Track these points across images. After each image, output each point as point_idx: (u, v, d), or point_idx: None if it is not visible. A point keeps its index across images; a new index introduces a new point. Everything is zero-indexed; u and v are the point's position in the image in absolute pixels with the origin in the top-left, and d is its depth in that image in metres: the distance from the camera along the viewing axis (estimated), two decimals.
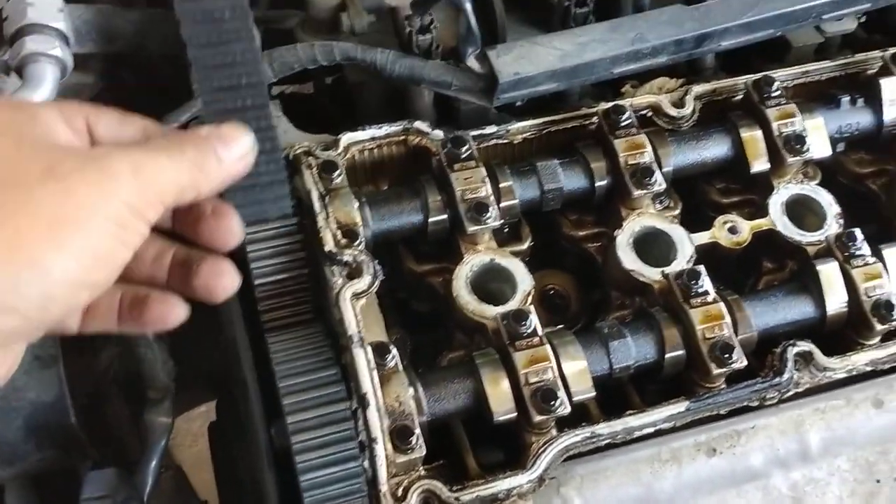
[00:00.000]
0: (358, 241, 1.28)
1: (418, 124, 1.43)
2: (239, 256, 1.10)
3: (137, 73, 1.76)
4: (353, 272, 1.23)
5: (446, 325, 1.43)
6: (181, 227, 1.06)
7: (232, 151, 1.00)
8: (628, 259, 1.40)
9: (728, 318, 1.30)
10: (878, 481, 1.43)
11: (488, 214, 1.35)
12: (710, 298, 1.31)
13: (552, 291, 1.53)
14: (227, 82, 1.13)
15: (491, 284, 1.40)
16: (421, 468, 1.22)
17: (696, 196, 1.56)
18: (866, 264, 1.36)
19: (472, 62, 1.42)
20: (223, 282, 1.04)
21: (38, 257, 0.83)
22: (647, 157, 1.41)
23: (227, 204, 1.06)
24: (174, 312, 1.03)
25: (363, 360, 1.17)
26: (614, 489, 1.34)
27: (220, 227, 1.04)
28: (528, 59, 1.40)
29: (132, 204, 0.89)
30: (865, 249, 1.37)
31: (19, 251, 0.82)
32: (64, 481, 1.46)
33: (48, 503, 1.56)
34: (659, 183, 1.41)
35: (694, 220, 1.48)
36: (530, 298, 1.35)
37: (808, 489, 1.41)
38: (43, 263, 0.83)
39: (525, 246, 1.45)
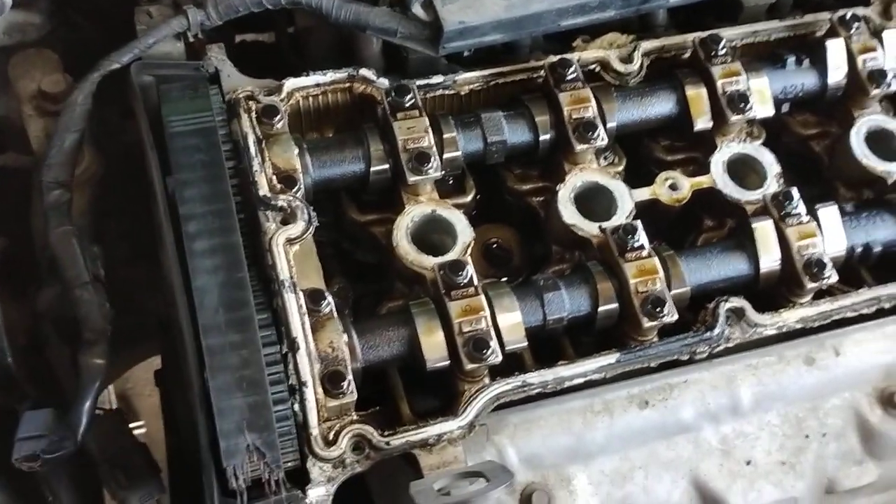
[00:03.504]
0: (296, 188, 1.28)
1: (364, 72, 1.42)
2: None
3: (86, 15, 1.73)
4: (287, 217, 1.23)
5: (387, 276, 1.44)
6: None
7: None
8: (568, 213, 1.41)
9: (661, 273, 1.32)
10: (806, 436, 1.47)
11: (430, 165, 1.35)
12: (644, 253, 1.33)
13: (495, 245, 1.54)
14: None
15: (432, 236, 1.41)
16: (353, 413, 1.24)
17: (640, 153, 1.56)
18: (801, 223, 1.38)
19: (418, 10, 1.41)
20: None
21: None
22: (591, 111, 1.42)
23: None
24: None
25: (294, 304, 1.17)
26: (546, 438, 1.37)
27: None
28: (474, 9, 1.40)
29: None
30: (801, 208, 1.39)
31: None
32: (3, 422, 1.46)
33: None
34: (602, 138, 1.41)
35: (638, 177, 1.50)
36: (470, 250, 1.36)
37: (737, 442, 1.45)
38: None
39: (469, 199, 1.46)
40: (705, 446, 1.44)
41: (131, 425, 3.38)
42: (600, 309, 1.33)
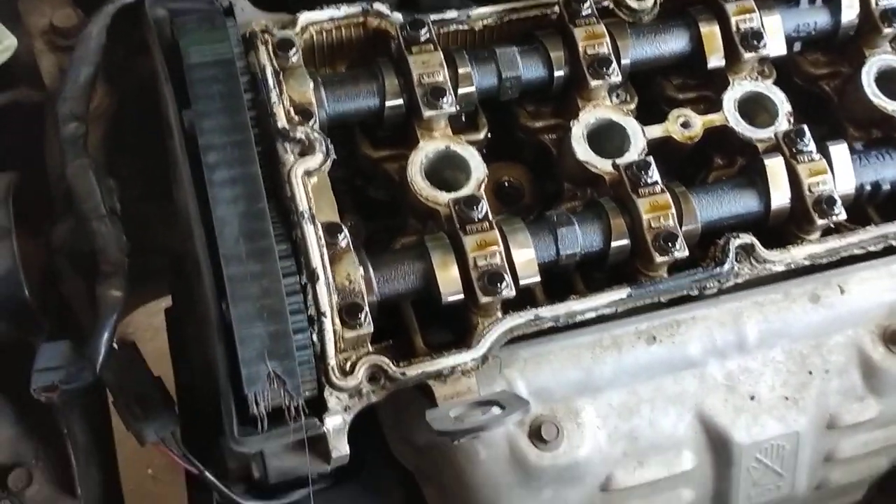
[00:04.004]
0: (312, 122, 1.28)
1: (378, 6, 1.41)
2: None
3: None
4: (306, 149, 1.24)
5: (401, 213, 1.45)
6: None
7: None
8: (581, 150, 1.42)
9: (674, 209, 1.33)
10: (810, 373, 1.50)
11: (445, 99, 1.35)
12: (657, 189, 1.34)
13: (507, 183, 1.55)
14: None
15: (445, 172, 1.42)
16: (369, 346, 1.25)
17: (652, 91, 1.57)
18: (812, 160, 1.39)
19: None
20: None
21: None
22: (606, 47, 1.42)
23: None
24: None
25: (313, 236, 1.19)
26: (556, 372, 1.39)
27: None
28: None
29: None
30: (812, 146, 1.40)
31: None
32: (20, 357, 1.47)
33: (4, 380, 1.59)
34: (616, 73, 1.41)
35: (650, 116, 1.50)
36: (483, 186, 1.37)
37: (742, 378, 1.47)
38: None
39: (481, 136, 1.46)
40: (711, 381, 1.46)
41: None
42: (613, 244, 1.35)
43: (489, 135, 1.48)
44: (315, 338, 1.19)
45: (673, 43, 1.49)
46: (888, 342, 1.51)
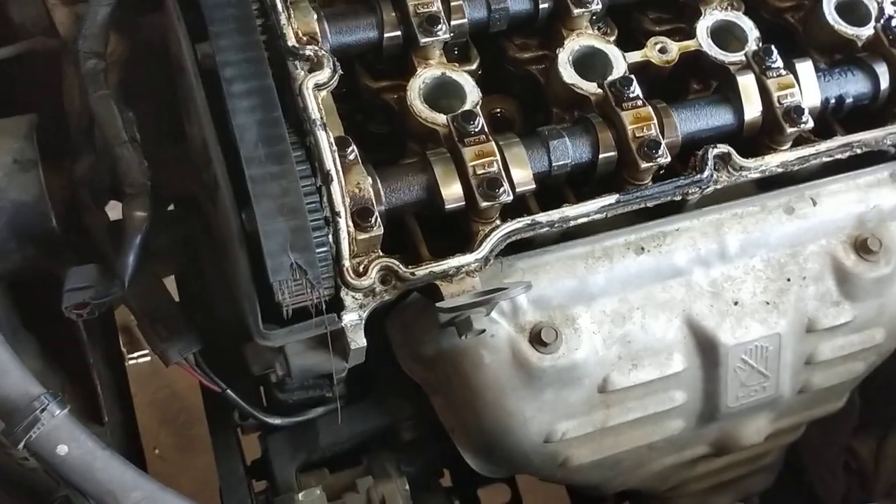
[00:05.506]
0: (319, 44, 1.38)
1: None
2: None
3: None
4: (314, 66, 1.33)
5: (401, 142, 1.55)
6: None
7: None
8: (568, 74, 1.52)
9: (656, 120, 1.44)
10: (788, 280, 1.61)
11: (439, 27, 1.45)
12: (639, 103, 1.45)
13: (499, 114, 1.65)
14: None
15: (441, 101, 1.51)
16: (379, 251, 1.35)
17: (630, 26, 1.68)
18: (780, 76, 1.51)
19: None
20: None
21: None
22: None
23: None
24: None
25: (325, 140, 1.28)
26: (552, 281, 1.49)
27: None
28: None
29: None
30: (779, 62, 1.52)
31: None
32: (44, 294, 1.55)
33: (30, 316, 1.66)
34: (596, 2, 1.53)
35: (629, 48, 1.60)
36: (478, 108, 1.47)
37: (725, 285, 1.58)
38: None
39: (474, 66, 1.56)
40: (696, 289, 1.57)
41: (133, 355, 3.47)
42: (601, 155, 1.45)
43: (480, 69, 1.59)
44: (331, 238, 1.28)
45: None
46: (859, 250, 1.62)
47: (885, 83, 1.59)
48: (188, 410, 3.50)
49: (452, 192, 1.37)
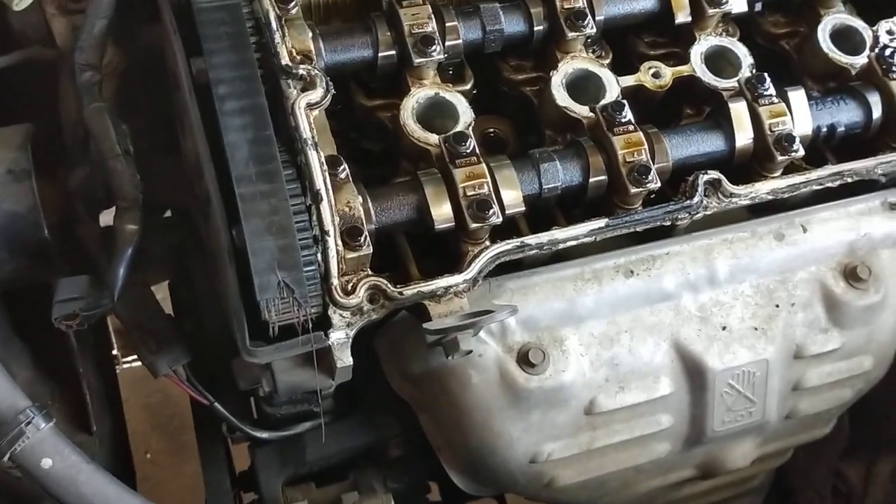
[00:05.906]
0: (313, 64, 1.39)
1: None
2: None
3: None
4: (307, 85, 1.34)
5: (394, 160, 1.56)
6: None
7: None
8: (561, 97, 1.53)
9: (647, 145, 1.45)
10: (776, 306, 1.61)
11: (434, 47, 1.46)
12: (631, 128, 1.45)
13: (492, 134, 1.66)
14: None
15: (435, 121, 1.52)
16: (368, 269, 1.35)
17: (625, 50, 1.69)
18: (772, 103, 1.51)
19: None
20: None
21: None
22: (581, 2, 1.54)
23: None
24: None
25: (316, 160, 1.29)
26: (541, 303, 1.50)
27: None
28: None
29: None
30: (772, 90, 1.52)
31: None
32: (36, 303, 1.56)
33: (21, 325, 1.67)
34: (591, 26, 1.54)
35: (623, 72, 1.61)
36: (470, 130, 1.48)
37: (714, 310, 1.59)
38: None
39: (468, 87, 1.58)
40: (685, 313, 1.58)
41: (128, 359, 3.49)
42: (591, 179, 1.46)
43: (475, 89, 1.59)
44: (319, 257, 1.28)
45: (643, 0, 1.61)
46: (849, 278, 1.63)
47: (877, 113, 1.59)
48: (181, 415, 3.50)
49: (442, 212, 1.38)
